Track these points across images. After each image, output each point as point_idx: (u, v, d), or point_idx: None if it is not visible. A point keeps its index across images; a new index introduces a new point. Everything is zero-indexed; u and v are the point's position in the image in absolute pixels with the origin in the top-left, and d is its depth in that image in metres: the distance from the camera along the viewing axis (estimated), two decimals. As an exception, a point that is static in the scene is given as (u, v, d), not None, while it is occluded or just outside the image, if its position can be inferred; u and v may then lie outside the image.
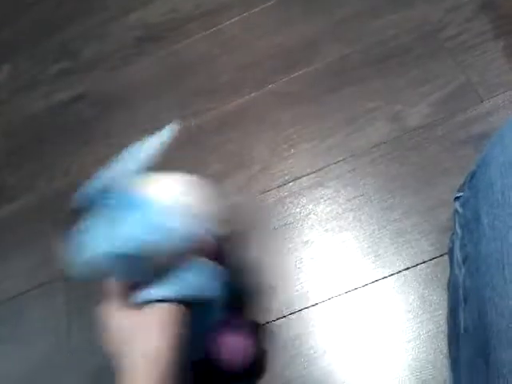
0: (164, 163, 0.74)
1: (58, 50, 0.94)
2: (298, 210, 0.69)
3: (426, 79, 0.71)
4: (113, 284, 0.51)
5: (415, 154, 0.67)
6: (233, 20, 0.85)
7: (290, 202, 0.69)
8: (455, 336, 0.46)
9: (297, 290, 0.64)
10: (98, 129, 0.83)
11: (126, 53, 0.89)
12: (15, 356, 0.71)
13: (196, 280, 0.50)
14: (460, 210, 0.47)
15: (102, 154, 0.81)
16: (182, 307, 0.49)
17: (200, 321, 0.52)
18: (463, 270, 0.44)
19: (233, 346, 0.56)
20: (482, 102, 0.67)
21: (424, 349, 0.57)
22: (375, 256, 0.63)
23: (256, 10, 0.84)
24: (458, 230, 0.46)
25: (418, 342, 0.58)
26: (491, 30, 0.70)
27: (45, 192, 0.81)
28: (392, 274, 0.62)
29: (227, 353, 0.56)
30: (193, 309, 0.50)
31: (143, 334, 0.47)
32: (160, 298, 0.49)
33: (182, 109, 0.80)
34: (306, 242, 0.66)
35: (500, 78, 0.67)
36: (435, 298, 0.59)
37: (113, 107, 0.85)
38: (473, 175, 0.46)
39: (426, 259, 0.61)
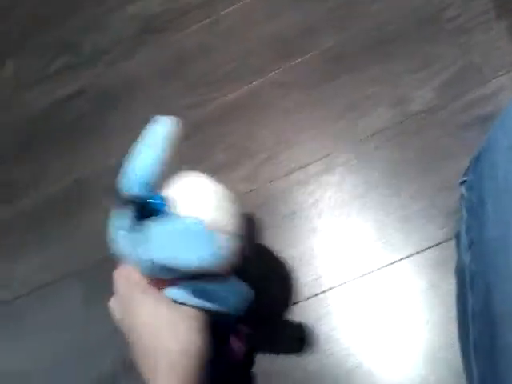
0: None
1: (58, 44, 0.93)
2: (305, 197, 0.69)
3: (428, 62, 0.70)
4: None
5: (419, 138, 0.67)
6: (231, 8, 0.84)
7: (297, 190, 0.69)
8: (464, 320, 0.46)
9: (310, 276, 0.65)
10: (101, 123, 0.84)
11: (125, 46, 0.88)
12: (39, 345, 0.72)
13: (224, 295, 0.50)
14: (466, 194, 0.47)
15: (105, 149, 0.81)
16: (208, 315, 0.49)
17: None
18: (469, 255, 0.44)
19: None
20: (486, 83, 0.66)
21: (436, 332, 0.58)
22: (384, 241, 0.64)
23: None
24: (465, 214, 0.46)
25: (429, 326, 0.58)
26: (493, 9, 0.69)
27: (49, 189, 0.82)
28: (401, 259, 0.62)
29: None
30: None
31: (168, 333, 0.46)
32: (187, 303, 0.48)
33: (184, 100, 0.80)
34: (315, 229, 0.67)
35: (503, 58, 0.66)
36: (445, 282, 0.59)
37: (115, 101, 0.85)
38: (477, 159, 0.46)
39: (434, 243, 0.61)
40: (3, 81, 0.94)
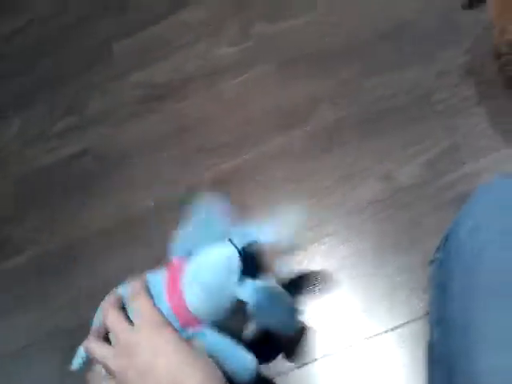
0: (166, 220, 0.78)
1: (64, 105, 0.97)
2: (292, 266, 0.70)
3: (416, 140, 0.73)
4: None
5: (406, 212, 0.69)
6: (234, 81, 0.88)
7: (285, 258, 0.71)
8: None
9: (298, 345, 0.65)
10: (101, 184, 0.87)
11: (129, 110, 0.92)
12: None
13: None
14: (435, 272, 0.48)
15: (104, 209, 0.84)
16: None
17: None
18: (437, 331, 0.45)
19: None
20: (467, 163, 0.69)
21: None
22: (369, 313, 0.65)
23: (256, 72, 0.87)
24: (433, 291, 0.48)
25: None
26: (475, 95, 0.73)
27: (47, 246, 0.84)
28: (386, 331, 0.63)
29: None
30: None
31: (188, 375, 0.49)
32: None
33: (180, 166, 0.83)
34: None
35: (483, 141, 0.70)
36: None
37: (116, 163, 0.88)
38: (446, 238, 0.48)
39: (417, 316, 0.62)
40: (9, 137, 0.97)
